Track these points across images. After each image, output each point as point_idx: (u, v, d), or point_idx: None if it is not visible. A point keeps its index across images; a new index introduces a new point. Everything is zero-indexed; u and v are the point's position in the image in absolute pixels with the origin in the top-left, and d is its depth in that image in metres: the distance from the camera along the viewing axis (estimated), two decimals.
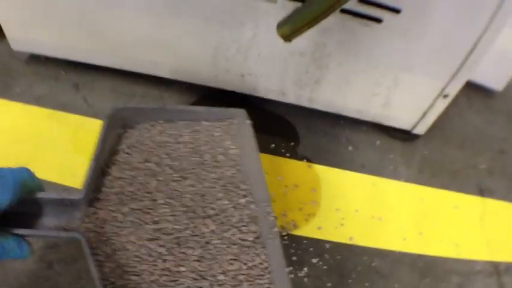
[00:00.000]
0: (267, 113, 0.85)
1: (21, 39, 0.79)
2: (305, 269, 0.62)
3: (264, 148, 0.67)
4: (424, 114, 0.75)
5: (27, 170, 0.42)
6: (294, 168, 0.76)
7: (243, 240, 0.48)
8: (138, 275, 0.43)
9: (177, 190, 0.50)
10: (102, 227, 0.45)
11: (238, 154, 0.55)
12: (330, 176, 0.76)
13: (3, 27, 0.77)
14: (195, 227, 0.47)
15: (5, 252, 0.40)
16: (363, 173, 0.78)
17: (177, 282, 0.44)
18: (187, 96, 0.85)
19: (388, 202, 0.74)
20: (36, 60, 0.86)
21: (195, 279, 0.44)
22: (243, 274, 0.46)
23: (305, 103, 0.77)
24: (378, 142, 0.84)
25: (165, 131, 0.56)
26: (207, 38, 0.69)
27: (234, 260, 0.46)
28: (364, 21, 0.61)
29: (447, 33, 0.62)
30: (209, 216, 0.49)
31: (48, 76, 0.84)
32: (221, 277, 0.45)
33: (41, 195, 0.42)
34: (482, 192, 0.80)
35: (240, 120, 0.57)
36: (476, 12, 0.58)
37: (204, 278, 0.45)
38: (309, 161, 0.77)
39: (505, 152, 0.89)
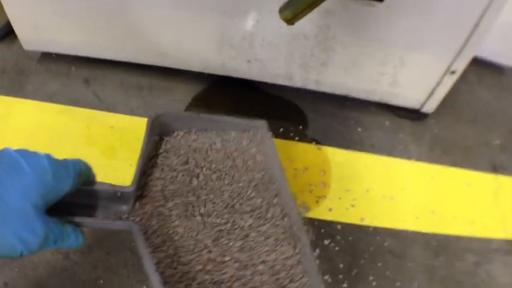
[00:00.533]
0: (275, 97, 0.86)
1: (32, 39, 0.81)
2: (317, 250, 0.64)
3: (273, 132, 0.68)
4: (432, 92, 0.75)
5: (84, 162, 0.44)
6: (303, 151, 0.77)
7: (277, 233, 0.51)
8: (185, 265, 0.46)
9: (216, 188, 0.54)
10: (149, 221, 0.48)
11: (264, 160, 0.59)
12: (339, 158, 0.77)
13: (14, 28, 0.79)
14: (234, 221, 0.51)
15: (63, 239, 0.41)
16: (372, 153, 0.79)
17: (222, 272, 0.47)
18: (194, 85, 0.86)
19: (399, 181, 0.75)
20: (48, 58, 0.88)
21: (238, 268, 0.47)
22: (279, 264, 0.49)
23: (312, 86, 0.78)
24: (387, 122, 0.84)
25: (199, 139, 0.59)
26: (212, 27, 0.70)
27: (271, 251, 0.50)
28: (366, 1, 0.62)
29: (451, 9, 0.62)
30: (246, 212, 0.52)
31: (60, 73, 0.86)
32: (260, 267, 0.48)
33: (95, 186, 0.44)
34: (495, 168, 0.81)
35: (263, 131, 0.61)
36: None
37: (246, 268, 0.48)
38: (318, 143, 0.78)
39: None
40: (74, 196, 0.41)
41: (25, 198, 0.36)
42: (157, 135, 0.58)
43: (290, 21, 0.61)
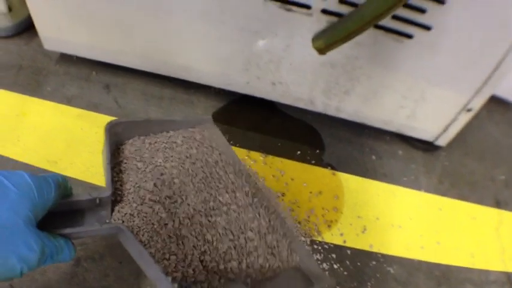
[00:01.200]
0: (293, 119, 0.88)
1: (54, 39, 0.81)
2: (326, 273, 0.65)
3: (290, 155, 0.70)
4: (447, 127, 0.78)
5: (61, 175, 0.45)
6: (318, 175, 0.79)
7: (250, 201, 0.58)
8: (177, 253, 0.48)
9: (187, 175, 0.57)
10: (131, 221, 0.49)
11: (218, 145, 0.64)
12: (352, 184, 0.79)
13: (36, 26, 0.80)
14: (214, 199, 0.55)
15: (57, 253, 0.42)
16: (384, 182, 0.81)
17: (217, 249, 0.50)
18: (215, 100, 0.88)
19: (408, 211, 0.77)
20: (68, 59, 0.89)
21: (231, 240, 0.52)
22: (263, 228, 0.56)
23: (332, 112, 0.80)
24: (400, 152, 0.87)
25: (158, 139, 0.62)
26: (240, 46, 0.72)
27: (253, 218, 0.56)
28: (396, 36, 0.64)
29: (474, 50, 0.65)
30: (221, 189, 0.58)
31: (79, 76, 0.87)
32: (249, 233, 0.54)
33: (75, 197, 0.46)
34: (499, 203, 0.83)
35: (210, 125, 0.68)
36: (503, 30, 0.61)
37: (238, 238, 0.52)
38: (333, 168, 0.80)
39: None
40: (55, 210, 0.43)
41: (15, 214, 0.37)
42: (114, 144, 0.59)
43: (322, 51, 0.63)
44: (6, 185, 0.38)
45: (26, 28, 0.93)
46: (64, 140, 0.76)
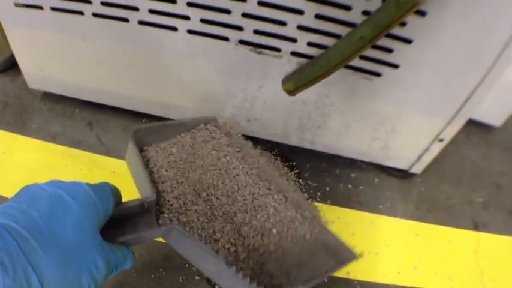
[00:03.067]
0: (271, 151, 0.92)
1: (37, 79, 0.86)
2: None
3: None
4: (420, 156, 0.82)
5: (111, 184, 0.47)
6: None
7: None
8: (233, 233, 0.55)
9: (215, 169, 0.64)
10: (178, 220, 0.53)
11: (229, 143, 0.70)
12: (328, 214, 0.82)
13: (20, 65, 0.85)
14: (245, 187, 0.63)
15: (121, 263, 0.42)
16: (360, 210, 0.85)
17: (263, 219, 0.59)
18: None
19: (384, 238, 0.81)
20: (51, 97, 0.94)
21: (274, 211, 0.61)
22: (292, 199, 0.65)
23: (307, 145, 0.84)
24: (376, 180, 0.91)
25: (180, 140, 0.68)
26: (216, 86, 0.76)
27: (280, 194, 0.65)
28: (365, 75, 0.68)
29: (443, 85, 0.68)
30: (245, 174, 0.65)
31: (63, 113, 0.92)
32: (289, 205, 0.64)
33: (126, 204, 0.48)
34: (477, 226, 0.87)
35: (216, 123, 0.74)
36: (471, 66, 0.65)
37: (280, 210, 0.62)
38: (309, 198, 0.84)
39: (502, 187, 0.96)
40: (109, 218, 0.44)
41: (79, 231, 0.37)
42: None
43: (292, 92, 0.68)
44: (67, 200, 0.37)
45: (11, 65, 0.98)
46: (50, 176, 0.79)
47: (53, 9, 0.71)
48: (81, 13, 0.70)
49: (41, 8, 0.71)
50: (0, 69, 0.98)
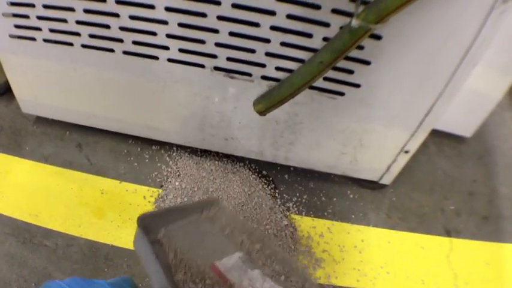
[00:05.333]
0: (249, 168, 1.01)
1: (30, 104, 0.96)
2: None
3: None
4: (389, 168, 0.91)
5: (129, 278, 0.50)
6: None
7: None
8: None
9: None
10: None
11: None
12: (304, 225, 0.92)
13: (14, 91, 0.94)
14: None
15: None
16: (334, 220, 0.94)
17: None
18: (178, 154, 1.02)
19: (358, 246, 0.90)
20: (44, 120, 1.03)
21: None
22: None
23: (281, 161, 0.94)
24: (348, 192, 1.00)
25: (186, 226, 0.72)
26: (195, 109, 0.86)
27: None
28: (329, 95, 0.78)
29: (403, 102, 0.78)
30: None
31: (55, 136, 1.01)
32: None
33: None
34: (449, 232, 0.96)
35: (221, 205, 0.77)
36: (428, 84, 0.74)
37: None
38: (287, 210, 0.94)
39: (474, 194, 1.05)
40: None
41: None
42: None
43: (263, 113, 0.77)
44: None
45: (5, 91, 1.07)
46: (43, 195, 0.90)
47: (45, 40, 0.80)
48: (71, 44, 0.80)
49: (34, 39, 0.81)
50: None
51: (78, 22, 0.76)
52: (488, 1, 0.62)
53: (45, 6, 0.75)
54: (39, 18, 0.77)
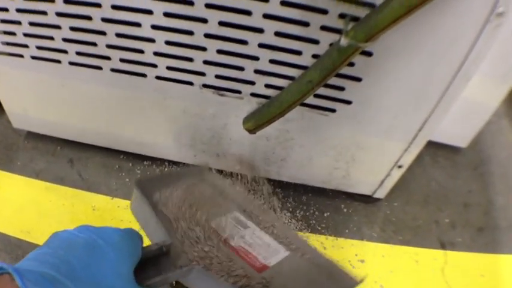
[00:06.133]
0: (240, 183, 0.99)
1: (21, 119, 0.96)
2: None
3: None
4: (382, 182, 0.91)
5: (135, 229, 0.49)
6: None
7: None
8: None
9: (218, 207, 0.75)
10: (198, 260, 0.60)
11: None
12: None
13: (4, 106, 0.94)
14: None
15: None
16: (327, 235, 0.93)
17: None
18: (170, 166, 1.02)
19: (352, 261, 0.89)
20: (35, 135, 1.03)
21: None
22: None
23: (274, 176, 0.93)
24: (342, 206, 1.00)
25: (183, 188, 0.76)
26: (185, 125, 0.85)
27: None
28: (320, 111, 0.77)
29: (396, 117, 0.77)
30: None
31: (46, 151, 1.01)
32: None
33: (148, 248, 0.51)
34: (444, 245, 0.95)
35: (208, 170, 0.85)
36: (420, 100, 0.73)
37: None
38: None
39: (470, 205, 1.04)
40: None
41: (117, 277, 0.38)
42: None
43: (252, 131, 0.77)
44: (101, 245, 0.39)
45: None
46: (35, 211, 0.89)
47: (33, 57, 0.80)
48: (58, 61, 0.79)
49: (21, 56, 0.80)
50: None
51: (65, 40, 0.75)
52: (482, 15, 0.61)
53: (31, 24, 0.74)
54: (26, 35, 0.76)
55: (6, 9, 0.73)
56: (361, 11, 0.60)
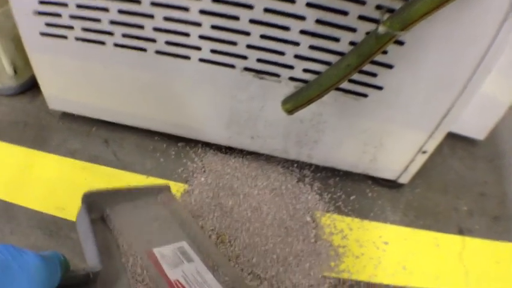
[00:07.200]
0: (270, 164, 1.09)
1: (58, 100, 1.03)
2: None
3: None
4: (407, 167, 0.98)
5: (61, 254, 0.48)
6: None
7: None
8: None
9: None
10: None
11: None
12: (324, 220, 0.98)
13: (42, 89, 1.01)
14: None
15: None
16: (353, 217, 1.01)
17: None
18: (203, 150, 1.09)
19: (376, 242, 0.96)
20: (69, 116, 1.10)
21: None
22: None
23: (305, 159, 1.00)
24: (367, 190, 1.07)
25: (132, 213, 0.75)
26: (223, 108, 0.93)
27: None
28: (353, 96, 0.84)
29: (422, 104, 0.84)
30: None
31: (81, 132, 1.08)
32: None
33: (71, 273, 0.51)
34: (462, 231, 1.02)
35: (168, 193, 0.85)
36: (447, 87, 0.81)
37: None
38: (308, 207, 1.00)
39: (486, 195, 1.12)
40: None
41: None
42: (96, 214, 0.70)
43: (290, 112, 0.84)
44: (15, 270, 0.39)
45: (30, 87, 1.15)
46: (70, 189, 0.94)
47: (77, 39, 0.87)
48: (103, 43, 0.86)
49: (65, 37, 0.87)
50: (20, 91, 1.14)
51: (112, 22, 0.82)
52: (503, 10, 0.69)
53: (79, 6, 0.81)
54: (72, 17, 0.83)
55: None
56: (396, 3, 0.68)
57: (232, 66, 0.84)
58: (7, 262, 0.38)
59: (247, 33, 0.78)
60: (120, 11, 0.80)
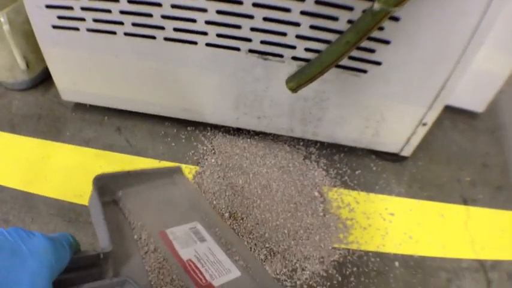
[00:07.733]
0: (276, 142, 1.15)
1: (71, 91, 1.08)
2: (305, 274, 0.89)
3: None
4: (408, 140, 1.04)
5: (71, 234, 0.50)
6: None
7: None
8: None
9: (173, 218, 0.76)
10: (136, 274, 0.60)
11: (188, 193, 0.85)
12: (331, 195, 1.04)
13: (55, 81, 1.06)
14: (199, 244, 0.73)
15: None
16: (358, 190, 1.07)
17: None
18: (212, 133, 1.15)
19: (382, 214, 1.02)
20: (82, 107, 1.16)
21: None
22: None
23: (310, 136, 1.06)
24: (371, 164, 1.13)
25: (145, 194, 0.78)
26: (230, 90, 0.98)
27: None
28: (353, 72, 0.90)
29: (420, 77, 0.90)
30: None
31: (94, 121, 1.14)
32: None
33: (82, 254, 0.52)
34: (466, 201, 1.08)
35: (179, 173, 0.88)
36: (442, 60, 0.86)
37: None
38: (315, 182, 1.06)
39: (488, 166, 1.17)
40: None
41: (34, 286, 0.39)
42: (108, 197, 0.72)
43: (295, 90, 0.90)
44: (25, 253, 0.40)
45: (41, 81, 1.20)
46: (86, 176, 0.96)
47: (89, 30, 0.92)
48: (114, 33, 0.92)
49: (77, 29, 0.93)
50: (32, 84, 1.20)
51: (122, 12, 0.87)
52: None
53: None
54: (83, 9, 0.88)
55: None
56: None
57: (237, 49, 0.89)
58: (16, 245, 0.40)
59: (250, 17, 0.83)
60: (130, 1, 0.85)
